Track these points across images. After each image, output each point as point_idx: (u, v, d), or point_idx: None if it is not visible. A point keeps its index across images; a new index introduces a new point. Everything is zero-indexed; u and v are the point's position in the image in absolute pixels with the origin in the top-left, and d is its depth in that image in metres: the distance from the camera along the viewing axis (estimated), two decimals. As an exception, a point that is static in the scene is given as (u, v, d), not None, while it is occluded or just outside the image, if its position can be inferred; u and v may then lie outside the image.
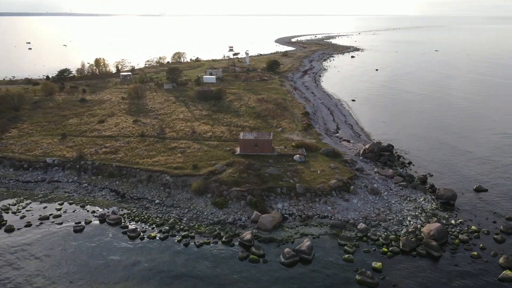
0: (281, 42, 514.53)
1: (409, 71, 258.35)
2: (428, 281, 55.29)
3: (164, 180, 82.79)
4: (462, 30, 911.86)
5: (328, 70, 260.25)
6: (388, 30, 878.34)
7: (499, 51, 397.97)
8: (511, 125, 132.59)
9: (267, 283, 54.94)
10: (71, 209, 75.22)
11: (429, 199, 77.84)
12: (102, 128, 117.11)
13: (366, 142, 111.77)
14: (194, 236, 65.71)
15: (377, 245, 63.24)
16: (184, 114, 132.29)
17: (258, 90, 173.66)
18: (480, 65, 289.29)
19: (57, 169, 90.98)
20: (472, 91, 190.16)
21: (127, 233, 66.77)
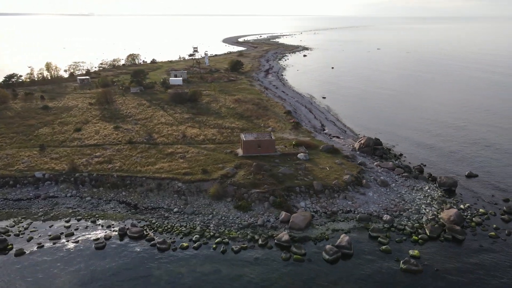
0: (228, 42, 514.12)
1: (362, 68, 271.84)
2: (463, 262, 59.40)
3: (176, 187, 79.69)
4: (391, 30, 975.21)
5: (287, 69, 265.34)
6: (326, 30, 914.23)
7: (437, 49, 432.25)
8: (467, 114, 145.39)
9: (321, 281, 55.52)
10: (81, 226, 69.65)
11: (433, 187, 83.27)
12: (83, 136, 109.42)
13: (355, 138, 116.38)
14: (228, 242, 64.23)
15: (405, 234, 66.50)
16: (166, 118, 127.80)
17: (230, 91, 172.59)
18: (425, 61, 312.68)
19: (49, 183, 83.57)
20: (432, 85, 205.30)
21: (157, 245, 63.48)
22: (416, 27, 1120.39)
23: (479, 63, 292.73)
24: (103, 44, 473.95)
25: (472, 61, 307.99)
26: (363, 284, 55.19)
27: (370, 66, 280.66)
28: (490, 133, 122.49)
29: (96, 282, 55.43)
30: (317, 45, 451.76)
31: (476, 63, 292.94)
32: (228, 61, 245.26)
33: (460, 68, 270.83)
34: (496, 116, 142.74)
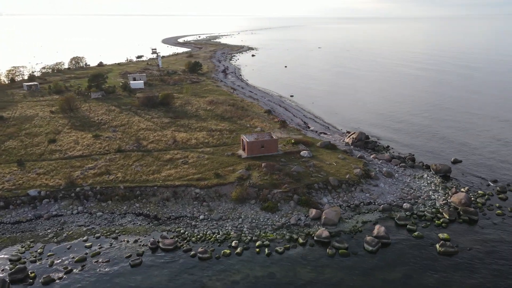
0: (169, 43, 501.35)
1: (314, 66, 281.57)
2: (486, 239, 65.18)
3: (193, 194, 76.86)
4: (324, 29, 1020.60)
5: (242, 69, 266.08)
6: (261, 30, 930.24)
7: (374, 46, 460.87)
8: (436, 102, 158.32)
9: (371, 271, 57.51)
10: (105, 244, 64.40)
11: (431, 175, 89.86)
12: (62, 148, 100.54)
13: (340, 133, 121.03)
14: (269, 244, 63.72)
15: (427, 219, 71.17)
16: (145, 124, 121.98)
17: (199, 92, 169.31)
18: (366, 59, 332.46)
19: (48, 201, 75.79)
20: (380, 78, 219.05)
21: (198, 255, 60.96)
22: (346, 26, 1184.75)
23: (412, 61, 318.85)
24: (30, 47, 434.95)
25: (408, 59, 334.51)
26: (409, 269, 58.19)
27: (322, 65, 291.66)
28: (451, 122, 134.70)
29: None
30: (260, 45, 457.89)
31: (410, 61, 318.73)
32: (185, 63, 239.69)
33: (410, 66, 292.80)
34: (442, 108, 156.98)
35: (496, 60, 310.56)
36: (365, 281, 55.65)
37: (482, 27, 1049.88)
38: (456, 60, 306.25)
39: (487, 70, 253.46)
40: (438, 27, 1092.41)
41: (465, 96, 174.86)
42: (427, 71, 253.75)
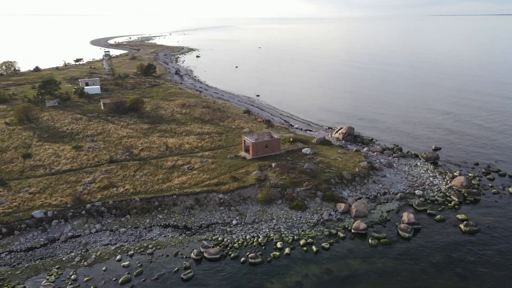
0: (99, 45, 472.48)
1: (265, 65, 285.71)
2: (496, 215, 72.60)
3: (217, 200, 74.63)
4: (255, 29, 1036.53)
5: (193, 70, 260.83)
6: (192, 30, 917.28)
7: (311, 46, 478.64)
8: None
9: (415, 256, 61.18)
10: (143, 261, 60.09)
11: (423, 162, 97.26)
12: (44, 163, 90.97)
13: (324, 129, 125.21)
14: (313, 242, 64.51)
15: (439, 203, 77.25)
16: (125, 131, 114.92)
17: (165, 96, 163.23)
18: (310, 55, 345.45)
19: (57, 222, 68.33)
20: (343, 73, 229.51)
21: (249, 260, 59.68)
22: (274, 27, 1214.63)
23: (351, 60, 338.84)
24: None
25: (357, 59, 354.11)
26: (446, 250, 62.83)
27: (272, 64, 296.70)
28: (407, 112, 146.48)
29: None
30: (199, 46, 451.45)
31: (350, 60, 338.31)
32: (136, 65, 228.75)
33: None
34: (398, 100, 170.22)
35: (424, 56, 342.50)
36: (415, 266, 59.02)
37: (403, 26, 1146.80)
38: (386, 58, 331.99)
39: (419, 66, 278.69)
40: (358, 27, 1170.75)
41: (418, 89, 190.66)
42: (368, 68, 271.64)
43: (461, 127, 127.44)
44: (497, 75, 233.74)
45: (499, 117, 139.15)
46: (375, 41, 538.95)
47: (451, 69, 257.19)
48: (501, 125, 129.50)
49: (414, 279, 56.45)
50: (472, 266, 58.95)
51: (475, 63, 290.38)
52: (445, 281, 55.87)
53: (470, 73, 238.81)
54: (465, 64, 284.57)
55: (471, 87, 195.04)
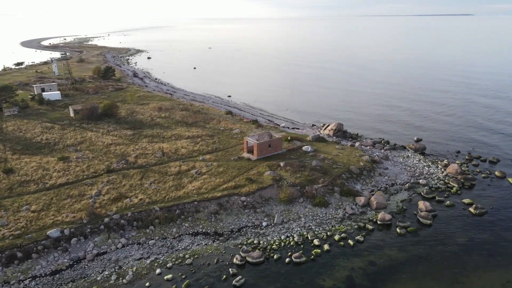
0: (31, 46, 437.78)
1: (222, 66, 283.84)
2: (494, 197, 79.72)
3: (239, 203, 73.44)
4: (197, 29, 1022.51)
5: (151, 72, 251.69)
6: (130, 31, 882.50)
7: (260, 45, 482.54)
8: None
9: (446, 239, 65.41)
10: (185, 272, 57.59)
11: (413, 153, 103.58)
12: (32, 178, 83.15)
13: (310, 126, 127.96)
14: (346, 236, 66.15)
15: (442, 190, 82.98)
16: (110, 139, 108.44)
17: (137, 100, 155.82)
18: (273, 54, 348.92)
19: (76, 240, 62.90)
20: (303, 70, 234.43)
21: (293, 260, 59.76)
22: (214, 27, 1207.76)
23: (300, 58, 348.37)
24: None
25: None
26: (465, 231, 67.73)
27: (229, 64, 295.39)
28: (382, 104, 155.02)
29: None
30: (146, 47, 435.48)
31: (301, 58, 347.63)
32: (93, 68, 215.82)
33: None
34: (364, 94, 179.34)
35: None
36: (444, 249, 63.01)
37: (337, 26, 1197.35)
38: (333, 58, 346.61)
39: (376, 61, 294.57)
40: (297, 27, 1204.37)
41: (376, 87, 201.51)
42: (322, 67, 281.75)
43: (431, 120, 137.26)
44: (437, 71, 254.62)
45: (462, 109, 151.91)
46: (317, 41, 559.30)
47: (392, 68, 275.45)
48: (467, 115, 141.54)
49: (448, 262, 60.28)
50: (494, 244, 64.32)
51: (412, 62, 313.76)
52: (475, 260, 60.39)
53: (416, 71, 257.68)
54: (406, 62, 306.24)
55: (422, 84, 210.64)
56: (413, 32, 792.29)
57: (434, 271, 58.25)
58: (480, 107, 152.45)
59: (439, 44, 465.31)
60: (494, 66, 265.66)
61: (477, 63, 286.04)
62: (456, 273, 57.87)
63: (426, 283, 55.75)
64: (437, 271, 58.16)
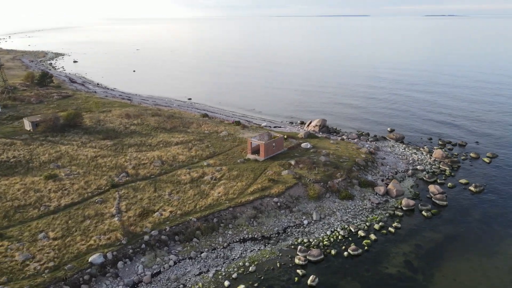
0: None
1: (160, 68, 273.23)
2: (482, 175, 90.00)
3: (273, 204, 72.80)
4: (112, 30, 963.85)
5: (87, 77, 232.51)
6: (33, 32, 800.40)
7: (191, 46, 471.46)
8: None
9: (466, 216, 72.65)
10: (254, 280, 55.85)
11: (395, 143, 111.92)
12: (26, 202, 73.11)
13: (290, 124, 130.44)
14: (384, 225, 69.71)
15: (437, 174, 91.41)
16: (92, 151, 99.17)
17: (91, 108, 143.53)
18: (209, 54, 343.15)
19: (123, 263, 56.97)
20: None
21: (350, 254, 61.51)
22: (126, 27, 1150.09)
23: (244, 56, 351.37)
24: None
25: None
26: (477, 207, 75.89)
27: (168, 66, 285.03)
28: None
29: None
30: (64, 50, 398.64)
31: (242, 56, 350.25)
32: (25, 75, 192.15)
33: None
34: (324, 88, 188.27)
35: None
36: (470, 225, 69.98)
37: (251, 25, 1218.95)
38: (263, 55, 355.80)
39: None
40: (212, 26, 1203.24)
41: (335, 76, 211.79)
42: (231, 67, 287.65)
43: (395, 110, 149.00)
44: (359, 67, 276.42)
45: (405, 102, 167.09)
46: (240, 41, 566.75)
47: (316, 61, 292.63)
48: (426, 105, 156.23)
49: (477, 235, 67.13)
50: (505, 215, 73.15)
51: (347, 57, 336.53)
52: (497, 231, 68.16)
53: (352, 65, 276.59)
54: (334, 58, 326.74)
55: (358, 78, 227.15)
56: (325, 31, 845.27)
57: (470, 245, 64.47)
58: (416, 100, 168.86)
59: (362, 43, 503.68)
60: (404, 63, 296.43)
61: (391, 60, 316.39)
62: (487, 244, 64.78)
63: (469, 256, 61.42)
64: (472, 245, 64.50)
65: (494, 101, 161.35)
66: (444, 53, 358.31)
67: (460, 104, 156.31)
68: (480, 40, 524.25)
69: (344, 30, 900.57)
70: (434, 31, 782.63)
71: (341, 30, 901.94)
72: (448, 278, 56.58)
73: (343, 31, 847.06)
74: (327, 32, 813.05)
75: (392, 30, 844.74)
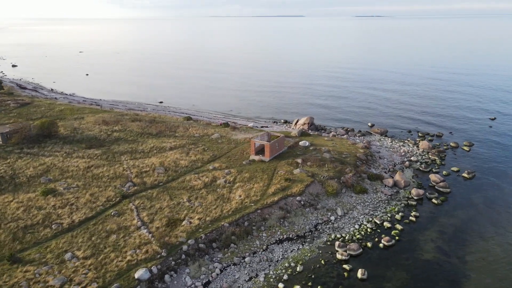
0: None
1: (114, 71, 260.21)
2: (468, 162, 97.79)
3: (297, 203, 73.08)
4: (37, 31, 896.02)
5: (42, 84, 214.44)
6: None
7: (135, 47, 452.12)
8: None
9: (469, 200, 78.57)
10: (307, 280, 55.91)
11: (381, 137, 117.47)
12: (33, 221, 66.60)
13: (274, 123, 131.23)
14: (405, 215, 73.14)
15: (429, 164, 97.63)
16: (82, 162, 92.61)
17: (59, 115, 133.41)
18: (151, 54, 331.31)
19: (170, 276, 53.99)
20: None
21: (385, 245, 63.86)
22: (57, 28, 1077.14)
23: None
24: None
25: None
26: (477, 191, 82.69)
27: (120, 69, 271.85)
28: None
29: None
30: (6, 55, 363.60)
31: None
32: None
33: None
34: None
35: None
36: (476, 207, 75.90)
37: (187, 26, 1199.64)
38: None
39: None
40: (150, 27, 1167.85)
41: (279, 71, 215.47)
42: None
43: (367, 106, 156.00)
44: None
45: (389, 94, 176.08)
46: (184, 41, 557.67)
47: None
48: (390, 101, 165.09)
49: (486, 216, 73.08)
50: (500, 196, 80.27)
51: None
52: (500, 211, 74.59)
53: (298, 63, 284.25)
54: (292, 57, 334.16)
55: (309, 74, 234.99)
56: (269, 31, 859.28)
57: (483, 225, 70.02)
58: (379, 97, 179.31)
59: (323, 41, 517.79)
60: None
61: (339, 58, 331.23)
62: (497, 222, 70.84)
63: (486, 236, 66.63)
64: (485, 225, 70.25)
65: (448, 97, 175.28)
66: (388, 50, 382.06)
67: (422, 99, 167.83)
68: (408, 38, 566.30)
69: (285, 30, 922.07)
70: (365, 31, 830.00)
71: (284, 30, 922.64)
72: (477, 258, 61.01)
73: (285, 30, 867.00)
74: (272, 32, 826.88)
75: (331, 30, 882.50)
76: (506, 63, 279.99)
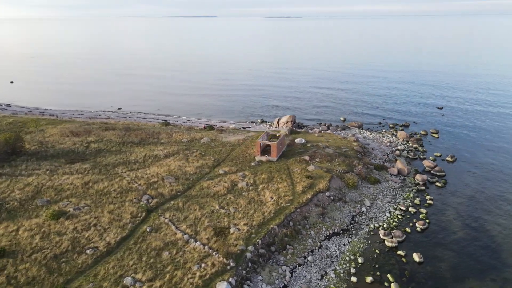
0: None
1: (44, 75, 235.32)
2: (446, 147, 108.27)
3: (326, 198, 74.50)
4: None
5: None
6: None
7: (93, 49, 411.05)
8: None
9: (465, 179, 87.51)
10: (374, 270, 57.85)
11: (359, 130, 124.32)
12: (61, 251, 58.73)
13: (254, 123, 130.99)
14: (421, 200, 78.92)
15: (413, 151, 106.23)
16: (76, 178, 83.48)
17: (13, 128, 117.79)
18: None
19: (248, 285, 51.64)
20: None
21: (421, 227, 68.50)
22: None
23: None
24: None
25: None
26: (464, 173, 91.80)
27: (54, 73, 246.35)
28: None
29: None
30: None
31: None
32: None
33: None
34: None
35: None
36: (474, 185, 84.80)
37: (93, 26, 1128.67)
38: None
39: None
40: (55, 27, 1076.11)
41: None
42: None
43: (337, 102, 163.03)
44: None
45: (358, 88, 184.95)
46: (98, 43, 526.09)
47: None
48: (367, 90, 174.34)
49: (486, 193, 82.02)
50: (490, 172, 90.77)
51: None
52: (495, 187, 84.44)
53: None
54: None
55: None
56: (190, 31, 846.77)
57: (488, 200, 78.77)
58: (343, 90, 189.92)
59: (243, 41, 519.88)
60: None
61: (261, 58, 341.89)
62: (496, 197, 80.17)
63: (494, 209, 75.14)
64: (489, 199, 79.12)
65: (392, 93, 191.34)
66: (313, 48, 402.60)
67: (368, 96, 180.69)
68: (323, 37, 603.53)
69: (204, 30, 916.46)
70: (279, 31, 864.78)
71: (202, 30, 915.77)
72: (499, 230, 68.58)
73: (204, 30, 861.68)
74: (194, 32, 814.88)
75: (250, 30, 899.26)
76: (428, 59, 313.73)
